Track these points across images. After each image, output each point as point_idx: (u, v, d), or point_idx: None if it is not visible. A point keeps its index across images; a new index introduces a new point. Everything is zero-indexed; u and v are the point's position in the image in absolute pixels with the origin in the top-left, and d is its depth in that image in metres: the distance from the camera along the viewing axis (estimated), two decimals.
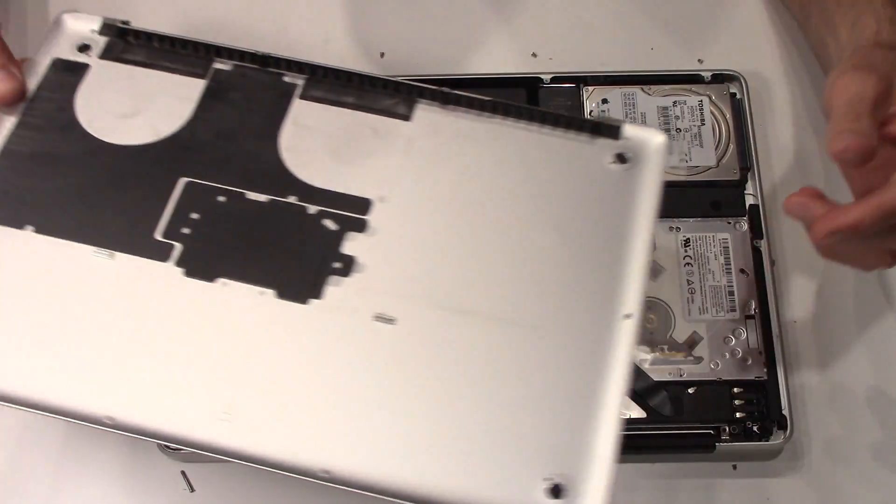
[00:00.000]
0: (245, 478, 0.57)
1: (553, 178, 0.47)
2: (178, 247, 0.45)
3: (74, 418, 0.41)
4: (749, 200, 0.60)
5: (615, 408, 0.42)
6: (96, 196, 0.46)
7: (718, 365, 0.57)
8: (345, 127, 0.48)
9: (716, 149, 0.61)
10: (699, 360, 0.57)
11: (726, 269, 0.59)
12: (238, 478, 0.57)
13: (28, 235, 0.45)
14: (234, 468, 0.57)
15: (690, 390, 0.56)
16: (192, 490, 0.56)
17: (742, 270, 0.59)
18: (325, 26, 0.68)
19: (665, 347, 0.57)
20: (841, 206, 0.45)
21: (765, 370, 0.56)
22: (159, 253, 0.45)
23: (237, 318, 0.43)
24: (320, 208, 0.46)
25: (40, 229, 0.45)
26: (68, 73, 0.49)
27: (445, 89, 0.49)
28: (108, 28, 0.50)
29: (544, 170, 0.47)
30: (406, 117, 0.48)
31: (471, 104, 0.48)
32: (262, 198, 0.46)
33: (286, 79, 0.49)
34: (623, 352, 0.42)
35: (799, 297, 0.60)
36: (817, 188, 0.47)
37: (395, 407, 0.42)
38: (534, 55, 0.67)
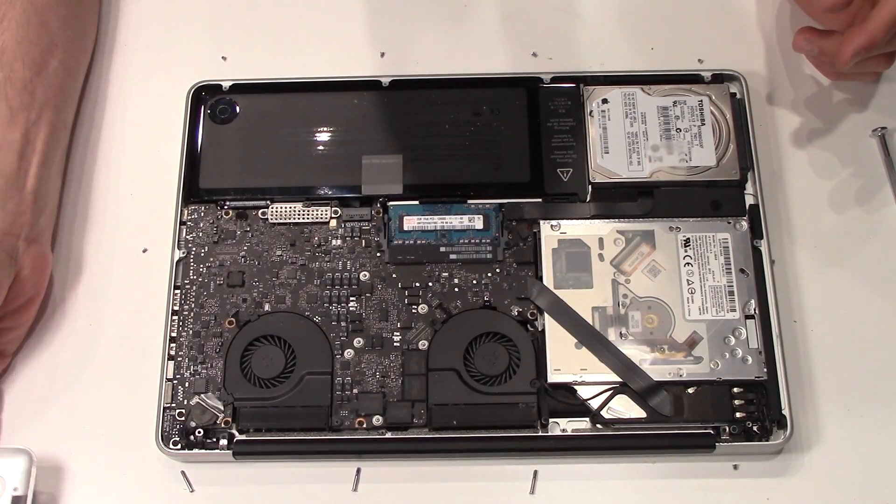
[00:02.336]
0: (245, 478, 0.57)
1: None
2: None
3: None
4: (749, 200, 0.60)
5: None
6: None
7: (718, 365, 0.57)
8: None
9: (716, 149, 0.61)
10: (699, 360, 0.57)
11: (726, 269, 0.59)
12: (238, 478, 0.57)
13: None
14: (234, 468, 0.57)
15: (690, 390, 0.56)
16: (192, 490, 0.56)
17: (742, 270, 0.59)
18: (326, 26, 0.68)
19: (665, 347, 0.57)
20: (850, 32, 0.56)
21: (765, 370, 0.56)
22: None
23: None
24: None
25: None
26: None
27: None
28: None
29: None
30: None
31: None
32: None
33: None
34: None
35: (799, 297, 0.60)
36: (812, 27, 0.59)
37: None
38: (534, 55, 0.67)
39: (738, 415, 0.56)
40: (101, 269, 0.62)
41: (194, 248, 0.60)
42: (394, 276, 0.60)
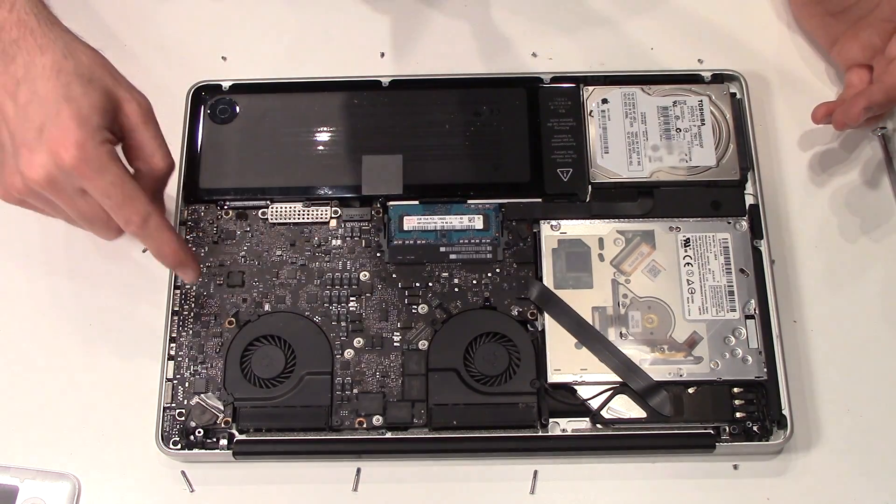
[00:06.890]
0: (245, 478, 0.57)
1: None
2: None
3: None
4: (749, 200, 0.61)
5: None
6: None
7: (718, 365, 0.57)
8: None
9: (716, 149, 0.61)
10: (699, 360, 0.57)
11: (726, 269, 0.59)
12: (238, 478, 0.57)
13: None
14: (234, 468, 0.57)
15: (690, 390, 0.56)
16: (192, 490, 0.56)
17: (742, 270, 0.59)
18: (326, 26, 0.68)
19: (665, 347, 0.57)
20: (859, 93, 0.59)
21: (765, 370, 0.56)
22: None
23: None
24: None
25: None
26: None
27: None
28: None
29: None
30: None
31: None
32: None
33: None
34: None
35: (799, 297, 0.60)
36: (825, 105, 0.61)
37: None
38: (534, 55, 0.67)
39: (738, 415, 0.56)
40: (102, 269, 0.62)
41: (194, 248, 0.60)
42: (394, 276, 0.60)
